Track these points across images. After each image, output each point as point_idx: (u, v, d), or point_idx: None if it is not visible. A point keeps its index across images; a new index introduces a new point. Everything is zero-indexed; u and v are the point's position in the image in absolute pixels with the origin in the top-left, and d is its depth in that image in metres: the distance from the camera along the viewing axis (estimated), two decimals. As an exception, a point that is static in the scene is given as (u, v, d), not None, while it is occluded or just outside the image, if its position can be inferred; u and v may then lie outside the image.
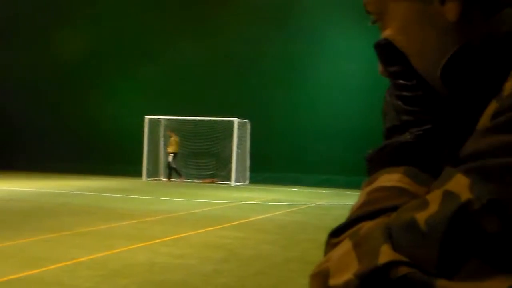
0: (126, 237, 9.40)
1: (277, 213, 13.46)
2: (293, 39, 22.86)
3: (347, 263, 0.60)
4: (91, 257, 7.76)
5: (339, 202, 16.39)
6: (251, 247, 9.02)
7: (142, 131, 24.48)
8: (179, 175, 24.02)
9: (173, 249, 8.54)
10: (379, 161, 0.78)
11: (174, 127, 24.61)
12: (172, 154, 23.86)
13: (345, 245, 0.63)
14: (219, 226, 10.92)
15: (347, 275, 0.59)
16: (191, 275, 6.99)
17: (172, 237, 9.58)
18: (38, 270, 6.92)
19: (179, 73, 24.62)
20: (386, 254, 0.56)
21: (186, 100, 23.99)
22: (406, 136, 0.78)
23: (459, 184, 0.56)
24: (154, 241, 9.10)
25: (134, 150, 24.08)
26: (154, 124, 24.95)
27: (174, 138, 23.96)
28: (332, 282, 0.60)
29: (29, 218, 11.50)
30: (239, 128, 22.99)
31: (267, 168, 22.90)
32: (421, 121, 0.77)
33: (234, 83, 23.64)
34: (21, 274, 6.69)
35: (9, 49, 28.07)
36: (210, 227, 10.78)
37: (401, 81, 0.80)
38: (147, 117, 24.53)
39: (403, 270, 0.54)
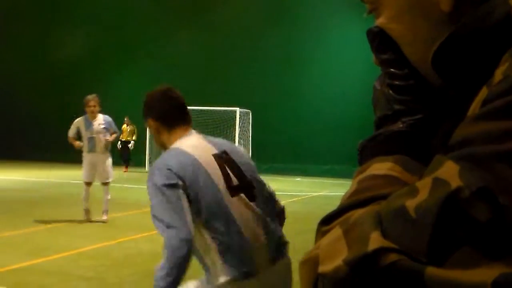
0: (129, 227, 9.43)
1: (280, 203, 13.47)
2: (294, 29, 22.78)
3: (337, 250, 0.60)
4: (94, 246, 7.80)
5: (342, 192, 16.31)
6: (254, 237, 9.04)
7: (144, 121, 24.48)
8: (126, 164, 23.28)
9: (176, 239, 8.56)
10: (371, 150, 0.78)
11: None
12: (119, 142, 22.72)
13: (335, 232, 0.63)
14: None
15: (336, 262, 0.59)
16: (194, 264, 7.02)
17: (175, 227, 9.60)
18: (42, 260, 6.96)
19: (180, 64, 24.56)
20: (375, 241, 0.56)
21: (188, 91, 23.71)
22: (398, 125, 0.77)
23: (449, 171, 0.56)
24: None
25: (137, 140, 24.08)
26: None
27: (124, 127, 22.96)
28: (321, 268, 0.61)
29: (33, 208, 11.55)
30: (241, 118, 22.97)
31: (269, 158, 22.89)
32: (413, 110, 0.77)
33: (235, 73, 23.58)
34: (25, 263, 6.73)
35: (10, 43, 28.08)
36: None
37: (393, 70, 0.79)
38: (149, 107, 24.54)
39: (393, 257, 0.55)
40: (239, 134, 22.85)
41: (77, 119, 10.19)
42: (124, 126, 23.02)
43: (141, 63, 25.38)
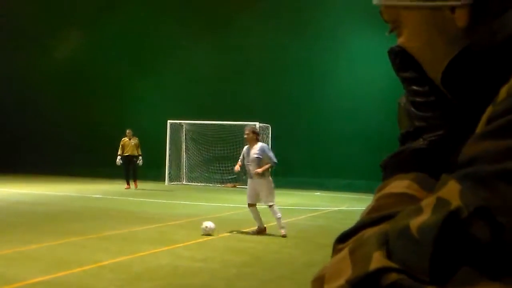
0: (149, 241, 9.46)
1: (299, 217, 13.44)
2: (314, 43, 22.82)
3: (341, 269, 0.61)
4: (115, 260, 7.83)
5: (361, 207, 16.30)
6: (274, 251, 9.02)
7: (165, 135, 24.58)
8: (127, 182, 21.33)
9: (195, 253, 8.57)
10: (393, 167, 0.79)
11: (196, 132, 24.68)
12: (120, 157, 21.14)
13: (343, 252, 0.64)
14: (241, 230, 10.94)
15: (340, 281, 0.60)
16: (213, 279, 7.02)
17: (195, 241, 9.62)
18: (63, 273, 7.00)
19: (201, 78, 24.71)
20: (377, 261, 0.57)
21: (208, 105, 24.06)
22: (419, 142, 0.78)
23: (451, 191, 0.57)
24: (177, 245, 9.16)
25: (156, 154, 24.19)
26: (176, 129, 25.05)
27: (126, 141, 21.17)
28: (325, 287, 0.62)
29: (54, 222, 11.65)
30: (260, 133, 22.96)
31: (288, 173, 22.86)
32: (434, 127, 0.78)
33: (255, 87, 23.64)
34: (46, 277, 6.78)
35: (35, 51, 28.47)
36: (233, 231, 10.81)
37: (414, 87, 0.80)
38: (169, 121, 24.63)
39: (393, 277, 0.55)
40: (258, 148, 22.77)
41: (245, 147, 11.02)
42: (126, 139, 21.03)
43: (158, 76, 25.54)
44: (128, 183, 21.06)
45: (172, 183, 24.47)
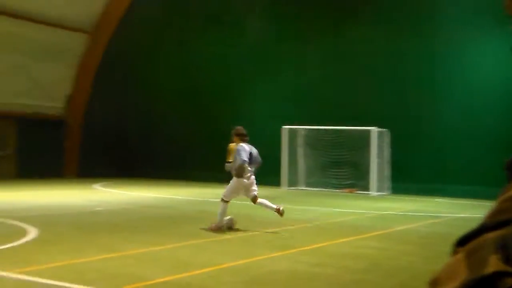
0: (266, 245, 9.60)
1: (419, 224, 13.09)
2: (433, 44, 22.13)
3: (456, 272, 0.61)
4: (233, 263, 8.02)
5: (483, 214, 15.57)
6: (392, 257, 8.85)
7: (280, 141, 24.75)
8: None
9: (312, 258, 8.58)
10: None
11: (312, 137, 24.69)
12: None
13: (460, 254, 0.63)
14: (358, 236, 10.82)
15: (454, 283, 0.59)
16: (330, 285, 7.01)
17: (312, 246, 9.63)
18: (184, 274, 7.27)
19: (317, 83, 24.70)
20: (493, 265, 0.56)
21: (324, 110, 24.01)
22: None
23: None
24: (293, 250, 9.21)
25: (273, 160, 24.40)
26: (291, 134, 25.17)
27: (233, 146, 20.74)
28: None
29: (176, 224, 12.13)
30: (378, 137, 22.61)
31: (408, 178, 22.30)
32: None
33: (372, 92, 23.31)
34: (170, 277, 7.07)
35: (155, 58, 29.68)
36: (350, 237, 10.72)
37: None
38: (284, 126, 24.80)
39: (511, 281, 0.54)
40: (376, 153, 22.47)
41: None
42: (232, 145, 20.93)
43: (279, 79, 25.76)
44: None
45: (289, 188, 24.61)
